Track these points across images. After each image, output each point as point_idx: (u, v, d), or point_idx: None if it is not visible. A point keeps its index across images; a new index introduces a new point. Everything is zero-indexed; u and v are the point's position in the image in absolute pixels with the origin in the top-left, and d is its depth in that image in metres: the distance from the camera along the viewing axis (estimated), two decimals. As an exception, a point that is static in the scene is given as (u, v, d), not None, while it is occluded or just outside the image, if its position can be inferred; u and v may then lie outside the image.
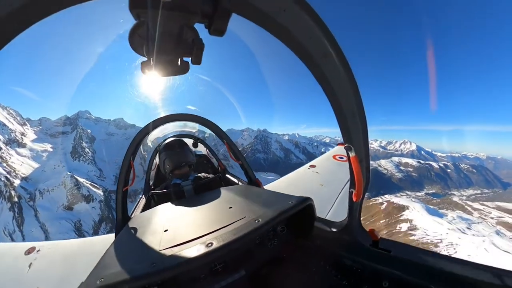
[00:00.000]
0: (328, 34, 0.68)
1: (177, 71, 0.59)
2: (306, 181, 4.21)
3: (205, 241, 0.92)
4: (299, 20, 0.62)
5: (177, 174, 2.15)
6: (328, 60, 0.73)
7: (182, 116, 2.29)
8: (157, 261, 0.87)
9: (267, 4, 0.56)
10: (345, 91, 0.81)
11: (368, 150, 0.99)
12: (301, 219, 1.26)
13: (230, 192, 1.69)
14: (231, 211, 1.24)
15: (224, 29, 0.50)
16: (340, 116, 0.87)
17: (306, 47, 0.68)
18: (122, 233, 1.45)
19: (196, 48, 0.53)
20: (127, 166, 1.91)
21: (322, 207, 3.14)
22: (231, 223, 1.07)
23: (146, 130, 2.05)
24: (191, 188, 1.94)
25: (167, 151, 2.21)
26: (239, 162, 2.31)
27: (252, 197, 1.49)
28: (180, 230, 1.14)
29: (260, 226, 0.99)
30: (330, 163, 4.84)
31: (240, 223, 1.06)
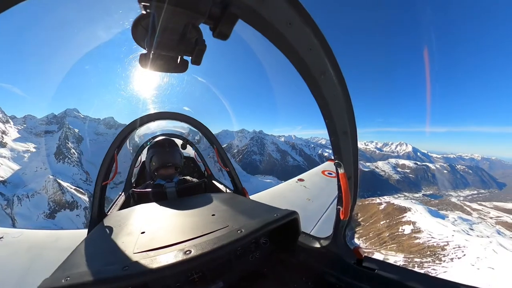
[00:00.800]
0: (329, 51, 0.70)
1: (175, 69, 0.59)
2: (293, 194, 4.15)
3: (183, 248, 0.90)
4: (303, 35, 0.64)
5: (161, 174, 2.11)
6: (326, 78, 0.75)
7: (174, 115, 2.23)
8: (130, 264, 0.83)
9: (274, 16, 0.57)
10: (339, 109, 0.84)
11: (357, 168, 1.00)
12: (285, 233, 1.25)
13: (214, 199, 1.67)
14: (214, 218, 1.22)
15: (228, 33, 0.51)
16: (333, 133, 0.89)
17: (306, 62, 0.70)
18: (96, 230, 1.42)
19: (198, 49, 0.53)
20: (110, 159, 1.86)
21: (307, 222, 3.08)
22: (212, 231, 1.05)
23: (134, 124, 2.00)
24: (174, 191, 1.90)
25: (156, 149, 2.18)
26: (226, 169, 2.29)
27: (236, 206, 1.48)
28: (158, 234, 1.11)
29: (243, 237, 0.98)
30: (319, 178, 4.79)
31: (222, 232, 1.04)
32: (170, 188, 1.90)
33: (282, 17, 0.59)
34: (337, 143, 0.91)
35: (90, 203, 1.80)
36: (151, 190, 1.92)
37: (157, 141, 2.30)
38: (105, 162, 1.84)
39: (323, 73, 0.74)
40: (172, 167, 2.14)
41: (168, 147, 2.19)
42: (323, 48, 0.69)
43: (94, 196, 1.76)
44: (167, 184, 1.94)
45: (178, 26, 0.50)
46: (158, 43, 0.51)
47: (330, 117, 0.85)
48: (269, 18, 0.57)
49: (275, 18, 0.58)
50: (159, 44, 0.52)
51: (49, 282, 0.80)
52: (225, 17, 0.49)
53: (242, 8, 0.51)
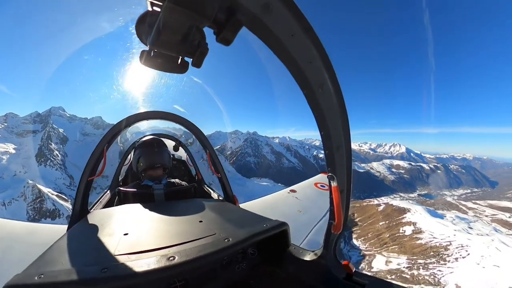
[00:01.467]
0: (328, 65, 0.72)
1: (175, 69, 0.60)
2: (284, 205, 4.17)
3: (167, 254, 0.88)
4: (304, 47, 0.65)
5: (149, 175, 2.07)
6: (324, 91, 0.76)
7: (168, 115, 2.20)
8: (110, 266, 0.81)
9: (279, 27, 0.58)
10: (336, 123, 0.85)
11: (351, 182, 1.01)
12: (274, 244, 1.24)
13: (203, 205, 1.65)
14: (201, 225, 1.21)
15: (231, 39, 0.52)
16: (327, 146, 0.90)
17: (305, 74, 0.71)
18: (76, 227, 1.39)
19: (200, 51, 0.54)
20: (99, 154, 1.82)
21: (297, 235, 3.12)
22: (198, 238, 1.03)
23: (127, 121, 1.98)
24: (162, 193, 1.88)
25: (144, 148, 2.14)
26: (218, 175, 2.27)
27: (225, 214, 1.48)
28: (142, 237, 1.08)
29: (230, 246, 0.97)
30: (311, 190, 4.79)
31: (208, 239, 1.02)
32: (158, 190, 1.87)
33: (286, 28, 0.60)
34: (331, 156, 0.91)
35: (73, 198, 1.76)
36: (138, 191, 1.88)
37: (144, 141, 2.23)
38: (93, 157, 1.79)
39: (321, 86, 0.75)
40: (160, 168, 2.10)
41: (156, 147, 2.14)
42: (323, 61, 0.70)
43: (78, 191, 1.72)
44: (155, 186, 1.91)
45: (183, 27, 0.50)
46: (161, 41, 0.52)
47: (325, 130, 0.86)
48: (273, 28, 0.58)
49: (279, 29, 0.59)
50: (161, 42, 0.52)
51: (20, 279, 0.76)
52: (230, 23, 0.50)
53: (247, 16, 0.53)
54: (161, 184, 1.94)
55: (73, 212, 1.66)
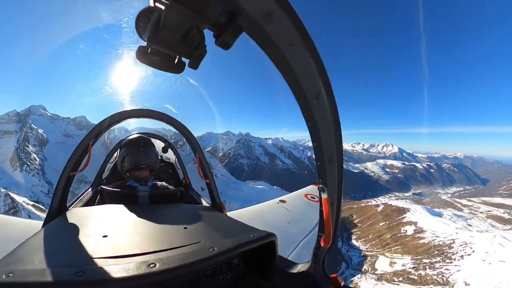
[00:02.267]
0: (325, 76, 0.73)
1: (171, 68, 0.60)
2: (273, 215, 4.16)
3: (147, 260, 0.85)
4: (302, 57, 0.67)
5: (134, 175, 2.05)
6: (319, 102, 0.77)
7: (159, 115, 2.17)
8: (85, 270, 0.76)
9: (278, 35, 0.60)
10: (329, 135, 0.86)
11: (341, 195, 1.01)
12: (261, 256, 1.23)
13: (189, 211, 1.63)
14: (186, 232, 1.18)
15: (231, 44, 0.52)
16: (319, 157, 0.90)
17: (301, 85, 0.72)
18: (53, 224, 1.35)
19: (198, 52, 0.54)
20: (84, 148, 1.79)
21: (285, 246, 3.13)
22: (182, 246, 1.01)
23: (116, 117, 1.97)
24: (147, 196, 1.84)
25: (129, 147, 2.11)
26: (206, 181, 2.26)
27: (212, 221, 1.46)
28: (122, 240, 1.05)
29: (215, 255, 0.95)
30: (301, 201, 4.84)
31: (192, 247, 1.00)
32: (143, 192, 1.83)
33: (285, 37, 0.61)
34: (323, 168, 0.92)
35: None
36: (122, 191, 1.85)
37: (131, 139, 2.18)
38: (77, 151, 1.76)
39: (317, 97, 0.76)
40: (146, 169, 2.07)
41: (142, 147, 2.09)
42: (320, 72, 0.72)
43: (57, 186, 1.67)
44: (140, 187, 1.87)
45: (183, 26, 0.50)
46: (160, 38, 0.52)
47: (318, 141, 0.87)
48: (273, 36, 0.59)
49: (279, 37, 0.60)
50: (160, 39, 0.52)
51: None
52: (230, 27, 0.50)
53: (248, 22, 0.53)
54: (147, 186, 1.90)
55: (51, 208, 1.60)
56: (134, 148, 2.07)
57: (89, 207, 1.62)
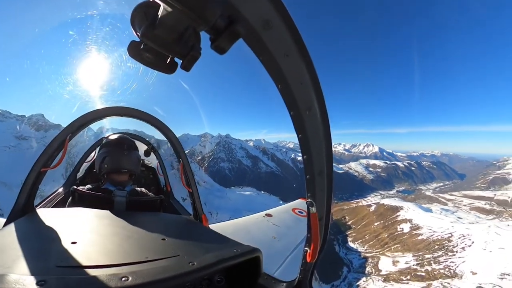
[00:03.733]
0: (318, 88, 0.76)
1: (162, 68, 0.60)
2: (258, 230, 4.20)
3: (119, 273, 0.80)
4: (296, 68, 0.69)
5: (112, 178, 2.01)
6: (312, 114, 0.80)
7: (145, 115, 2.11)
8: (48, 280, 0.71)
9: (275, 45, 0.62)
10: (319, 147, 0.88)
11: (330, 210, 1.03)
12: (245, 272, 1.21)
13: (168, 221, 1.61)
14: (164, 244, 1.15)
15: (226, 49, 0.53)
16: (309, 170, 0.92)
17: (294, 95, 0.74)
18: (16, 225, 1.28)
19: (192, 54, 0.55)
20: (60, 143, 1.75)
21: (271, 263, 3.15)
22: (159, 259, 0.98)
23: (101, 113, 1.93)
24: (124, 201, 1.82)
25: (111, 148, 2.06)
26: (189, 190, 2.25)
27: (193, 234, 1.45)
28: (93, 249, 1.01)
29: (194, 270, 0.93)
30: (288, 216, 4.89)
31: (170, 261, 0.97)
32: (119, 197, 1.80)
33: (282, 47, 0.64)
34: (312, 182, 0.93)
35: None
36: (97, 194, 1.81)
37: (114, 139, 2.15)
38: (52, 145, 1.71)
39: (309, 108, 0.78)
40: (126, 173, 2.04)
41: (126, 149, 2.05)
42: (313, 84, 0.74)
43: (25, 182, 1.60)
44: (117, 192, 1.83)
45: (180, 26, 0.51)
46: (154, 35, 0.52)
47: (308, 154, 0.88)
48: (269, 45, 0.61)
49: (275, 47, 0.62)
50: (154, 36, 0.52)
51: None
52: (228, 32, 0.51)
53: (247, 29, 0.55)
54: (124, 191, 1.87)
55: (15, 206, 1.53)
56: (116, 149, 2.01)
57: (59, 208, 1.56)
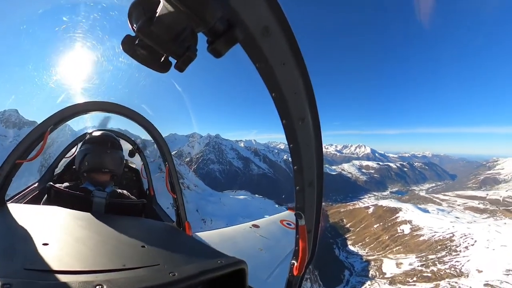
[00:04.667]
0: (312, 99, 0.79)
1: (156, 66, 0.60)
2: (244, 241, 4.21)
3: (93, 280, 0.76)
4: (292, 77, 0.72)
5: (93, 178, 1.95)
6: (304, 124, 0.82)
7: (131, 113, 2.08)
8: (15, 283, 0.67)
9: (272, 53, 0.64)
10: (310, 159, 0.90)
11: (319, 222, 1.04)
12: (229, 285, 1.19)
13: (149, 227, 1.59)
14: (143, 251, 1.11)
15: (223, 52, 0.54)
16: (299, 181, 0.94)
17: (288, 105, 0.77)
18: None
19: (187, 55, 0.55)
20: (39, 135, 1.73)
21: (256, 275, 3.20)
22: (137, 267, 0.94)
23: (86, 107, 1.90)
24: (103, 203, 1.77)
25: (94, 145, 2.00)
26: (173, 196, 2.23)
27: (175, 242, 1.43)
28: (66, 252, 0.96)
29: (175, 281, 0.90)
30: (276, 228, 4.94)
31: (149, 270, 0.94)
32: (99, 198, 1.76)
33: (279, 56, 0.66)
34: (302, 193, 0.95)
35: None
36: (74, 193, 1.76)
37: (97, 136, 2.10)
38: (31, 136, 1.68)
39: (302, 119, 0.81)
40: (108, 173, 1.98)
41: (110, 148, 1.99)
42: (308, 94, 0.77)
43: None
44: (96, 192, 1.79)
45: (178, 25, 0.52)
46: (151, 32, 0.52)
47: (299, 164, 0.91)
48: (267, 52, 0.63)
49: (272, 55, 0.65)
50: (151, 33, 0.53)
51: None
52: (226, 36, 0.52)
53: (245, 34, 0.56)
54: (104, 192, 1.82)
55: None
56: (99, 147, 1.95)
57: (32, 205, 1.52)
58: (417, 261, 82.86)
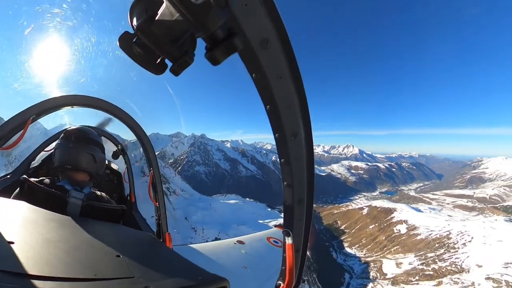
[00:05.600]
0: (306, 114, 0.81)
1: (151, 67, 0.61)
2: (227, 257, 4.16)
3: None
4: (287, 92, 0.74)
5: (70, 176, 1.90)
6: (297, 140, 0.85)
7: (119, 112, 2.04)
8: None
9: (270, 66, 0.67)
10: (301, 175, 0.92)
11: (308, 241, 1.05)
12: None
13: (127, 236, 1.56)
14: (118, 262, 1.07)
15: (220, 60, 0.55)
16: (288, 198, 0.95)
17: (282, 119, 0.78)
18: None
19: (184, 59, 0.56)
20: (20, 122, 1.69)
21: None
22: (110, 278, 0.91)
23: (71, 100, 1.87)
24: (79, 204, 1.69)
25: (61, 139, 1.93)
26: (156, 204, 2.18)
27: (153, 254, 1.41)
28: (32, 254, 0.90)
29: None
30: (262, 245, 4.89)
31: (123, 283, 0.91)
32: (75, 199, 1.69)
33: (276, 69, 0.68)
34: (290, 210, 0.96)
35: None
36: (50, 190, 1.69)
37: (67, 130, 2.01)
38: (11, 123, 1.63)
39: (295, 135, 0.83)
40: (83, 172, 1.92)
41: (73, 142, 1.89)
42: (302, 110, 0.79)
43: None
44: (73, 192, 1.71)
45: (178, 28, 0.53)
46: (150, 31, 0.53)
47: (289, 180, 0.92)
48: (264, 65, 0.65)
49: (270, 67, 0.67)
50: (150, 33, 0.54)
51: None
52: (225, 44, 0.53)
53: (245, 44, 0.58)
54: (82, 193, 1.76)
55: None
56: (64, 141, 1.90)
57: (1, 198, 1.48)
58: (417, 260, 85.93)
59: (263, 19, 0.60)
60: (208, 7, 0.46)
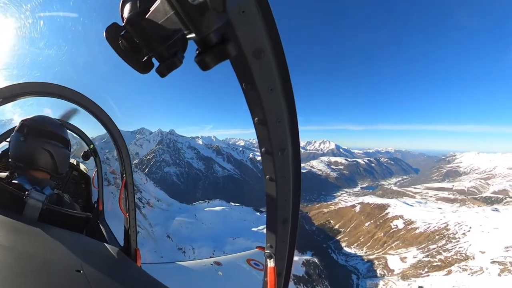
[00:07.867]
0: (295, 129, 0.84)
1: (136, 64, 0.61)
2: (202, 279, 4.16)
3: None
4: (277, 105, 0.76)
5: (27, 173, 1.78)
6: (284, 156, 0.87)
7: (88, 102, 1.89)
8: None
9: (261, 77, 0.68)
10: (287, 194, 0.94)
11: (291, 264, 1.05)
12: None
13: (90, 248, 1.52)
14: (78, 277, 1.01)
15: (211, 66, 0.55)
16: (272, 217, 0.96)
17: (270, 132, 0.80)
18: None
19: (172, 60, 0.56)
20: None
21: None
22: None
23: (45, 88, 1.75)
24: (39, 207, 1.57)
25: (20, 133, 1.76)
26: (126, 215, 2.11)
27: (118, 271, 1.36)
28: None
29: None
30: (241, 267, 4.88)
31: None
32: (34, 201, 1.56)
33: (267, 81, 0.70)
34: (274, 230, 0.96)
35: None
36: (6, 187, 1.57)
37: (23, 120, 1.82)
38: None
39: (282, 150, 0.85)
40: (42, 171, 1.81)
41: (25, 135, 1.73)
42: (291, 125, 0.82)
43: None
44: (33, 193, 1.58)
45: (170, 27, 0.53)
46: (140, 27, 0.54)
47: (273, 198, 0.94)
48: (256, 75, 0.67)
49: (261, 79, 0.68)
50: (140, 27, 0.54)
51: None
52: (217, 49, 0.53)
53: (237, 52, 0.59)
54: (43, 195, 1.63)
55: None
56: (16, 134, 1.77)
57: None
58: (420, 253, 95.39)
59: (259, 28, 0.61)
60: (204, 8, 0.47)
